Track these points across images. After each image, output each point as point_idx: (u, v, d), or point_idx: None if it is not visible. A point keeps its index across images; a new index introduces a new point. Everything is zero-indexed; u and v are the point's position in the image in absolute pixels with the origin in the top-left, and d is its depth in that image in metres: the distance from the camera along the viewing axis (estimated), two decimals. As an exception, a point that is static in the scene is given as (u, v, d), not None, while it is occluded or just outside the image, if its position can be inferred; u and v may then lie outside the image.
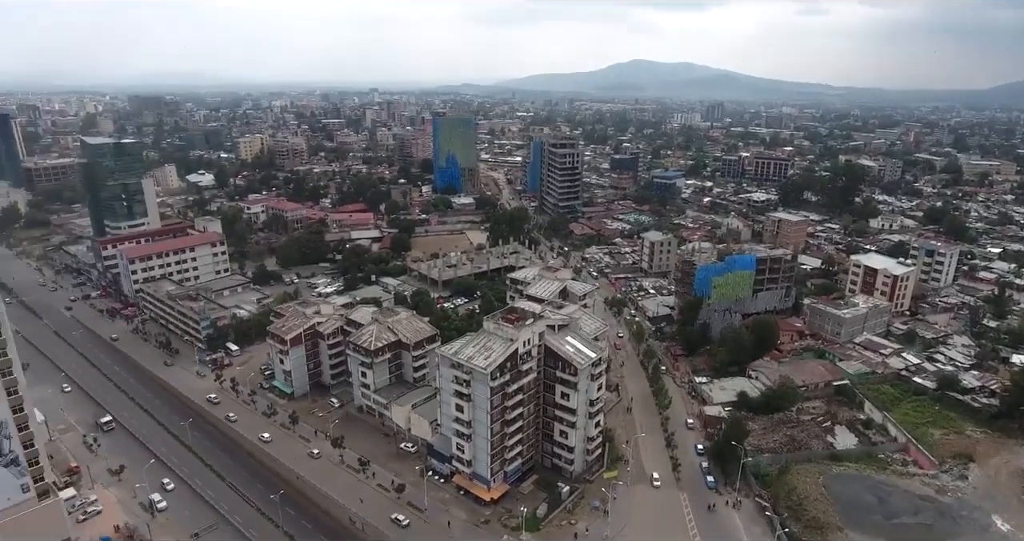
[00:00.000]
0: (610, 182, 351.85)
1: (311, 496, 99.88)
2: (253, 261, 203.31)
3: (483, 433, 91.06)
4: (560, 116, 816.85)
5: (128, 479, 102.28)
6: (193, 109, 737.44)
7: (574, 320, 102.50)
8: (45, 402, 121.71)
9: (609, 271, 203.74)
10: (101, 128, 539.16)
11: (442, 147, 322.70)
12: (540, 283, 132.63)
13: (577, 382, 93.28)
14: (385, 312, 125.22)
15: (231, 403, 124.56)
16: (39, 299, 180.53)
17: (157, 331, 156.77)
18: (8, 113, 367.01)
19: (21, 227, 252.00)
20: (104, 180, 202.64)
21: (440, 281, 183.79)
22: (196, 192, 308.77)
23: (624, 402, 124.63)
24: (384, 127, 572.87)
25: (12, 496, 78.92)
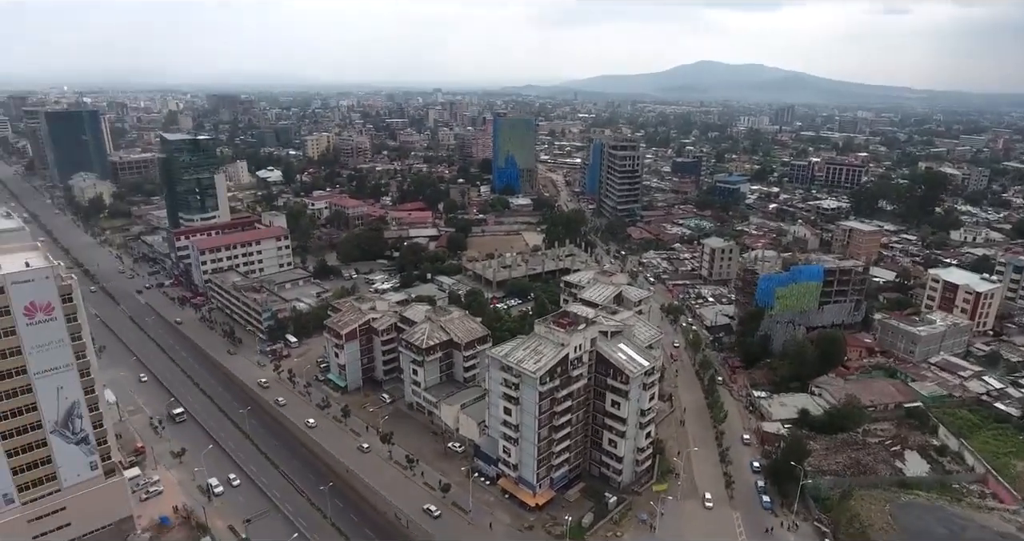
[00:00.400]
0: (671, 186, 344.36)
1: (359, 489, 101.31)
2: (315, 256, 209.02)
3: (530, 437, 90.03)
4: (622, 118, 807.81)
5: (188, 462, 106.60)
6: (266, 108, 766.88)
7: (628, 327, 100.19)
8: (117, 384, 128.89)
9: (667, 277, 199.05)
10: (181, 125, 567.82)
11: (501, 147, 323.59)
12: (595, 287, 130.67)
13: (628, 391, 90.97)
14: (438, 311, 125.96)
15: (287, 394, 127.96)
16: (118, 285, 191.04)
17: (222, 320, 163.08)
18: (98, 110, 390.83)
19: (105, 217, 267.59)
20: (180, 174, 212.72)
21: (494, 281, 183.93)
22: (265, 187, 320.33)
23: (677, 413, 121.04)
24: (446, 127, 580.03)
25: (81, 473, 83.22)
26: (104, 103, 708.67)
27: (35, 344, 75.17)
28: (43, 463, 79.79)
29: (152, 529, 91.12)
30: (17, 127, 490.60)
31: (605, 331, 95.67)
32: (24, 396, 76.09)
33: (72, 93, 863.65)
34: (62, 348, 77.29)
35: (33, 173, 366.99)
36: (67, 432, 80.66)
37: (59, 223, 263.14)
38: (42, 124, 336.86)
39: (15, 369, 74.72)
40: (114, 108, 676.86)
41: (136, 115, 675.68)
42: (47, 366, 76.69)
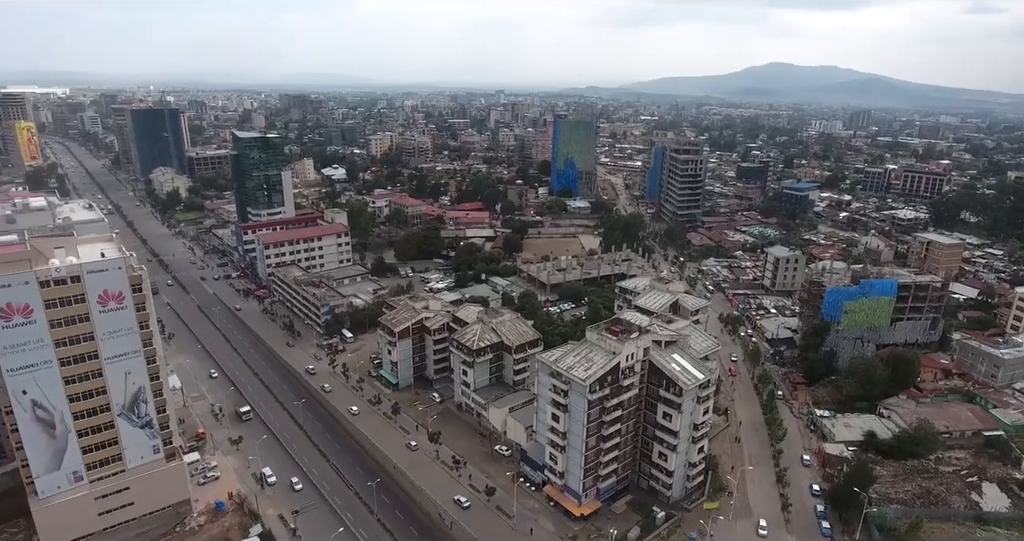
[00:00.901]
0: (735, 191, 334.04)
1: (405, 487, 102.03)
2: (373, 253, 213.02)
3: (577, 446, 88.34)
4: (686, 121, 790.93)
5: (244, 449, 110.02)
6: (334, 107, 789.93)
7: (683, 337, 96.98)
8: (183, 371, 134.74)
9: (727, 286, 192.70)
10: (254, 123, 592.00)
11: (561, 149, 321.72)
12: (650, 294, 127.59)
13: (681, 403, 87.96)
14: (490, 312, 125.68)
15: (340, 388, 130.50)
16: (189, 275, 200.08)
17: (283, 313, 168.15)
18: (178, 108, 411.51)
19: (181, 210, 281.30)
20: (250, 171, 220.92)
21: (548, 284, 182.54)
22: (329, 185, 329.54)
23: (733, 428, 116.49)
24: (506, 128, 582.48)
25: (144, 455, 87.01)
26: (185, 101, 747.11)
27: (107, 330, 79.02)
28: (110, 444, 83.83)
29: (208, 513, 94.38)
30: (107, 123, 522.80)
31: (659, 341, 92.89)
32: (95, 380, 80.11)
33: (157, 92, 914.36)
34: (131, 335, 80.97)
35: (119, 167, 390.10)
36: (133, 416, 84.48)
37: (139, 214, 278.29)
38: (128, 121, 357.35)
39: (88, 353, 78.74)
40: (194, 106, 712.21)
41: (214, 113, 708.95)
42: (117, 352, 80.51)
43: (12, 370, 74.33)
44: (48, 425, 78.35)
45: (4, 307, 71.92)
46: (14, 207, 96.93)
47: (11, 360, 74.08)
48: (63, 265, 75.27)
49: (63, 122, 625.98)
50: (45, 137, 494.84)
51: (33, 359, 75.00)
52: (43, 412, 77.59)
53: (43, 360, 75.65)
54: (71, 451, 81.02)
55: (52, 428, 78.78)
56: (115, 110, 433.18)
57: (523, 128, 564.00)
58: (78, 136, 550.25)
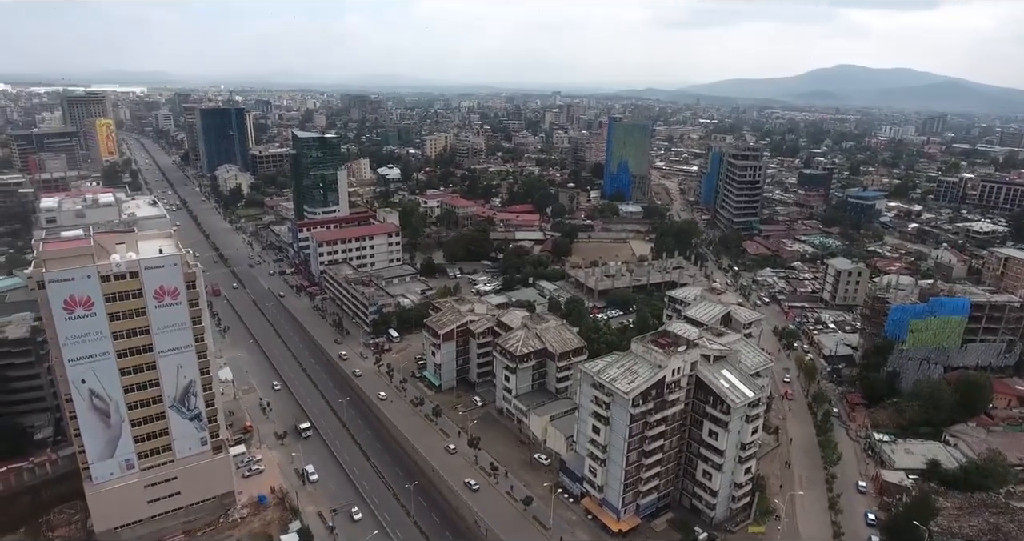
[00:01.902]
0: (796, 199, 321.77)
1: (443, 491, 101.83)
2: (423, 253, 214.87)
3: (618, 460, 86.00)
4: (746, 124, 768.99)
5: (288, 444, 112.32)
6: (392, 107, 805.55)
7: (733, 352, 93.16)
8: (235, 363, 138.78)
9: (783, 298, 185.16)
10: (316, 123, 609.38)
11: (615, 152, 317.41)
12: (701, 305, 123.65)
13: (729, 421, 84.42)
14: (535, 318, 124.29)
15: (385, 387, 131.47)
16: (245, 270, 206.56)
17: (333, 310, 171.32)
18: (244, 108, 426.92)
19: (242, 206, 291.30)
20: (307, 170, 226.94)
21: (596, 290, 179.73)
22: (383, 184, 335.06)
23: (783, 449, 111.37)
24: (561, 130, 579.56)
25: (193, 446, 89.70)
26: (252, 101, 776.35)
27: (161, 325, 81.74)
28: (161, 435, 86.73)
29: (251, 506, 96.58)
30: (179, 121, 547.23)
31: (708, 355, 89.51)
32: (149, 372, 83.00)
33: (226, 91, 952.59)
34: (184, 330, 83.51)
35: (187, 163, 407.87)
36: (183, 408, 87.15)
37: (203, 209, 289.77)
38: (197, 119, 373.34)
39: (143, 346, 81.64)
40: (260, 106, 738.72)
41: (278, 112, 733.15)
42: (170, 346, 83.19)
43: (73, 360, 77.70)
44: (104, 414, 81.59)
45: (67, 299, 75.23)
46: (85, 203, 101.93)
47: (72, 350, 77.44)
48: (123, 260, 78.21)
49: (140, 119, 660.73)
50: (123, 134, 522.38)
51: (92, 350, 78.21)
52: (100, 401, 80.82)
53: (101, 352, 78.82)
54: (124, 440, 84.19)
55: (107, 417, 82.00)
56: (186, 109, 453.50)
57: (577, 130, 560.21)
58: (152, 133, 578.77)
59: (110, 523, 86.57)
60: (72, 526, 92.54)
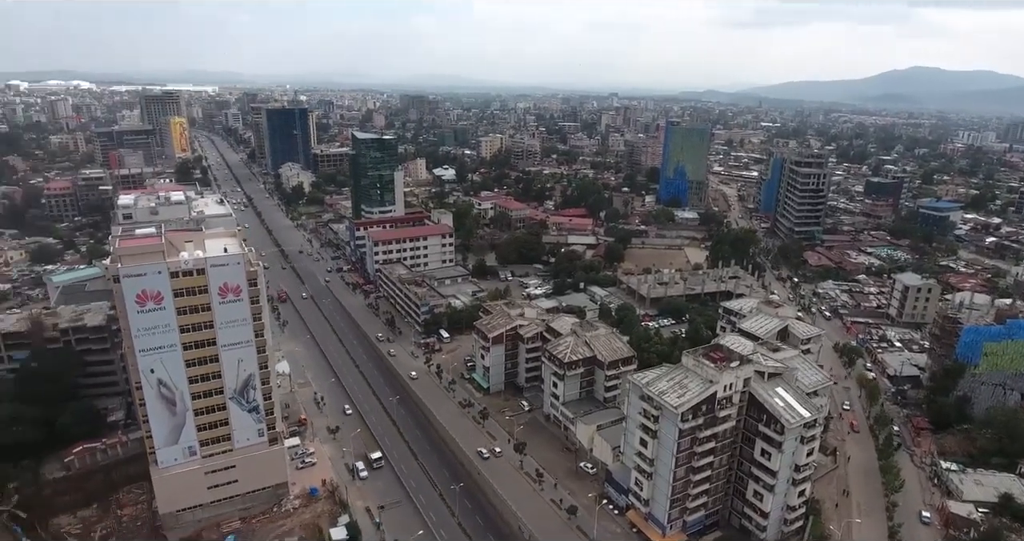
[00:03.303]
0: (862, 208, 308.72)
1: (487, 494, 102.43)
2: (475, 255, 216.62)
3: (665, 475, 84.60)
4: (811, 129, 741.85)
5: (340, 439, 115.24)
6: (449, 108, 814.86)
7: (790, 369, 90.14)
8: (292, 357, 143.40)
9: (845, 312, 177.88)
10: (375, 122, 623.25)
11: (672, 157, 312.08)
12: (757, 318, 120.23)
13: (782, 442, 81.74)
14: (584, 326, 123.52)
15: (434, 387, 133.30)
16: (305, 266, 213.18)
17: (386, 309, 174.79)
18: (307, 108, 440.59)
19: (303, 203, 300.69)
20: (365, 170, 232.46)
21: (648, 298, 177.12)
22: (438, 185, 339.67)
23: (841, 472, 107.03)
24: (617, 132, 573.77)
25: (250, 437, 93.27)
26: (315, 101, 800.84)
27: (224, 320, 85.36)
28: (221, 425, 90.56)
29: (302, 497, 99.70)
30: (246, 120, 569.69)
31: (762, 371, 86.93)
32: (212, 364, 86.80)
33: (291, 91, 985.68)
34: (245, 326, 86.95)
35: (253, 160, 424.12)
36: (242, 400, 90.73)
37: (267, 206, 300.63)
38: (263, 119, 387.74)
39: (207, 340, 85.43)
40: (322, 105, 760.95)
41: (340, 112, 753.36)
42: (232, 340, 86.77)
43: (143, 350, 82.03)
44: (170, 403, 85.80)
45: (140, 293, 79.49)
46: (158, 200, 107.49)
47: (143, 341, 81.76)
48: (191, 258, 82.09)
49: (210, 118, 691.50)
50: (195, 131, 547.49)
51: (161, 342, 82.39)
52: (166, 390, 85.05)
53: (169, 343, 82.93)
54: (188, 428, 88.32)
55: (173, 406, 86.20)
56: (253, 108, 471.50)
57: (634, 133, 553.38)
58: (222, 131, 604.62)
59: (173, 506, 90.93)
60: (138, 506, 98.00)
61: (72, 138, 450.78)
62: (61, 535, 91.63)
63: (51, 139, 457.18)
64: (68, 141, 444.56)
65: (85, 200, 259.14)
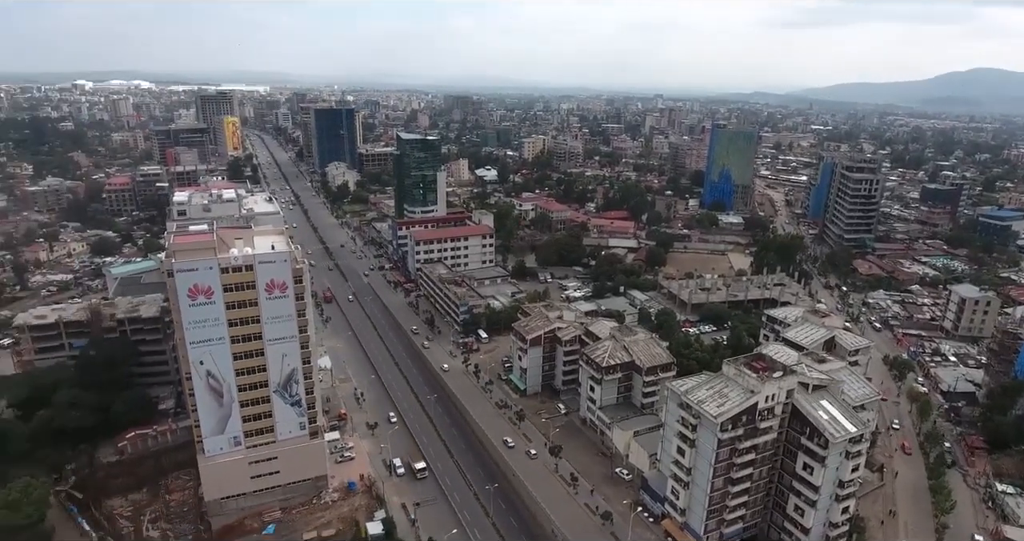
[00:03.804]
0: (917, 215, 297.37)
1: (522, 495, 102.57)
2: (515, 256, 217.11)
3: (702, 485, 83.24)
4: (864, 132, 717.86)
5: (379, 435, 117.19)
6: (492, 108, 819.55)
7: (836, 382, 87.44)
8: (334, 353, 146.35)
9: (896, 324, 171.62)
10: (419, 122, 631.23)
11: (717, 160, 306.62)
12: (802, 327, 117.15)
13: (826, 457, 79.42)
14: (623, 330, 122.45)
15: (471, 387, 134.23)
16: (348, 264, 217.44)
17: (426, 307, 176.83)
18: (354, 108, 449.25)
19: (348, 202, 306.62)
20: (409, 170, 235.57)
21: (690, 304, 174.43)
22: (480, 185, 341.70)
23: (887, 489, 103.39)
24: (661, 135, 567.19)
25: (292, 430, 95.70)
26: (362, 101, 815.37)
27: (270, 316, 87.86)
28: (265, 417, 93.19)
29: (341, 491, 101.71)
30: (295, 119, 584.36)
31: (807, 383, 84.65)
32: (257, 358, 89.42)
33: (339, 91, 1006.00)
34: (290, 322, 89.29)
35: (301, 159, 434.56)
36: (286, 394, 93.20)
37: (313, 204, 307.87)
38: (312, 118, 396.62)
39: (253, 334, 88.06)
40: (369, 105, 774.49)
41: (385, 112, 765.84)
42: (277, 335, 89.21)
43: (194, 343, 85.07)
44: (217, 394, 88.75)
45: (192, 287, 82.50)
46: (211, 198, 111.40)
47: (194, 334, 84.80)
48: (240, 254, 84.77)
49: (262, 117, 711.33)
50: (246, 130, 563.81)
51: (210, 335, 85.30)
52: (214, 382, 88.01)
53: (218, 337, 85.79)
54: (234, 419, 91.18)
55: (220, 397, 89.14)
56: (302, 108, 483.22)
57: (678, 135, 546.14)
58: (272, 130, 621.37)
59: (218, 493, 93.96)
60: (185, 491, 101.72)
61: (132, 136, 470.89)
62: (113, 517, 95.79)
63: (113, 136, 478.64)
64: (128, 138, 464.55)
65: (143, 195, 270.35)
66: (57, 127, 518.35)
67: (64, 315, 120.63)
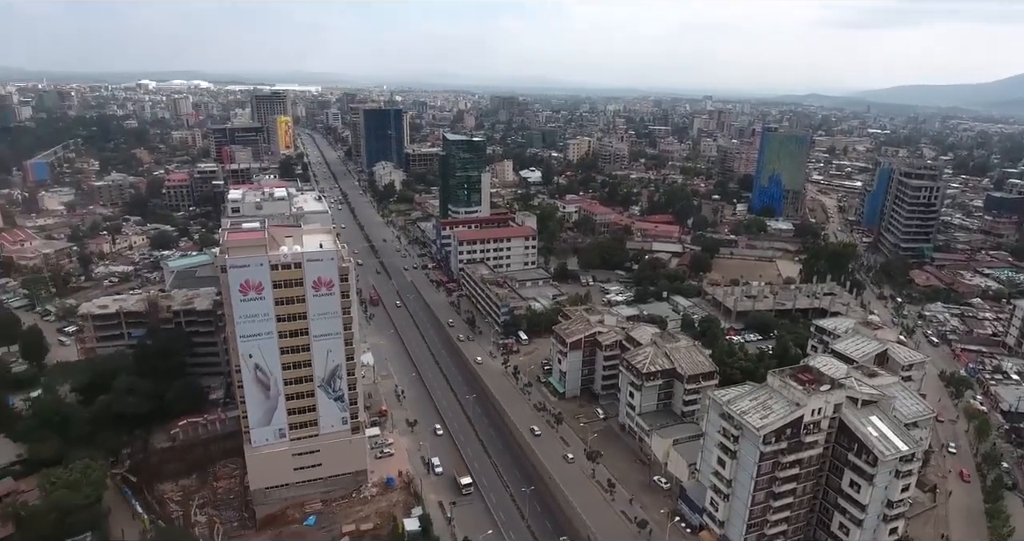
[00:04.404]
0: (981, 225, 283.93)
1: (558, 499, 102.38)
2: (557, 258, 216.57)
3: (743, 497, 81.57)
4: (925, 136, 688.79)
5: (418, 433, 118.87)
6: (538, 109, 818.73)
7: (887, 398, 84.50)
8: (376, 350, 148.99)
9: (955, 339, 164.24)
10: (465, 123, 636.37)
11: (767, 164, 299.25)
12: (853, 339, 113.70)
13: (874, 475, 76.82)
14: (665, 337, 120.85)
15: (510, 390, 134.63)
16: (392, 262, 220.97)
17: (467, 307, 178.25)
18: (401, 108, 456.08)
19: (394, 201, 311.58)
20: (454, 170, 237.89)
21: (735, 311, 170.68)
22: (524, 187, 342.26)
23: (940, 511, 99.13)
24: (709, 137, 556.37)
25: (335, 424, 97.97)
26: (410, 101, 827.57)
27: (317, 312, 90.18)
28: (309, 410, 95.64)
29: (379, 486, 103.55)
30: (345, 119, 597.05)
31: (856, 398, 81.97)
32: (303, 353, 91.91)
33: (388, 92, 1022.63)
34: (335, 319, 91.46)
35: (350, 158, 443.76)
36: (329, 389, 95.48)
37: (360, 202, 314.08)
38: (360, 118, 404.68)
39: (300, 330, 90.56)
40: (416, 106, 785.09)
41: (432, 113, 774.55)
42: (322, 331, 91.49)
43: (244, 336, 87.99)
44: (264, 387, 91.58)
45: (243, 283, 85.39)
46: (263, 196, 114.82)
47: (244, 328, 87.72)
48: (290, 252, 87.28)
49: (313, 116, 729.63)
50: (297, 129, 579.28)
51: (259, 329, 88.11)
52: (262, 375, 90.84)
53: (267, 331, 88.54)
54: (279, 411, 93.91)
55: (267, 389, 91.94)
56: (352, 108, 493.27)
57: (727, 138, 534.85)
58: (322, 129, 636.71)
59: (262, 483, 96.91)
60: (232, 480, 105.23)
61: (191, 133, 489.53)
62: (164, 500, 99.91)
63: (173, 134, 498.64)
64: (187, 136, 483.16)
65: (199, 191, 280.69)
66: (122, 125, 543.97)
67: (124, 306, 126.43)
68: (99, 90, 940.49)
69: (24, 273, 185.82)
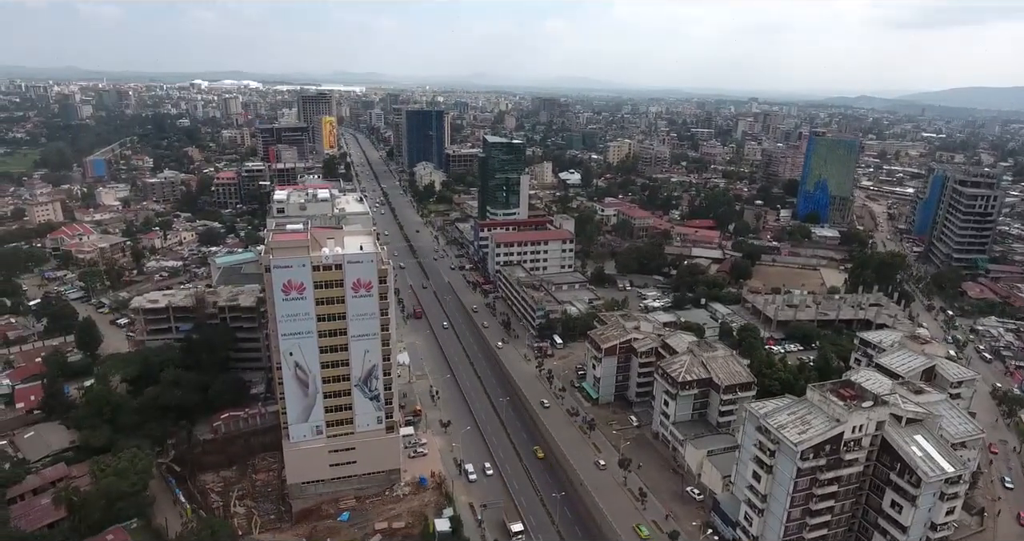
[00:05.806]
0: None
1: (588, 506, 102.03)
2: (594, 262, 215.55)
3: (778, 513, 79.92)
4: (984, 141, 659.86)
5: (451, 433, 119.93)
6: (579, 111, 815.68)
7: (933, 416, 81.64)
8: (412, 350, 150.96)
9: (1009, 355, 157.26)
10: (506, 124, 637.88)
11: (813, 170, 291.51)
12: (899, 353, 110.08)
13: (917, 496, 74.34)
14: (702, 345, 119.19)
15: (544, 392, 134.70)
16: (430, 262, 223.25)
17: (503, 309, 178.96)
18: (443, 109, 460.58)
19: (433, 201, 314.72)
20: (493, 172, 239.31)
21: (775, 320, 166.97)
22: (563, 189, 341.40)
23: (988, 536, 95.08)
24: (754, 141, 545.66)
25: (370, 423, 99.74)
26: (452, 102, 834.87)
27: (355, 313, 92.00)
28: (345, 409, 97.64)
29: (412, 485, 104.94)
30: (388, 120, 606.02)
31: (900, 416, 79.43)
32: (341, 353, 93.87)
33: (431, 93, 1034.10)
34: (373, 320, 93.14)
35: (391, 158, 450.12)
36: (365, 388, 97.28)
37: (401, 202, 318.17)
38: (403, 119, 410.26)
39: (339, 330, 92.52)
40: (458, 107, 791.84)
41: (473, 113, 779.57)
42: (360, 332, 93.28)
43: (285, 334, 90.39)
44: (303, 384, 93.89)
45: (286, 283, 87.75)
46: (307, 197, 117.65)
47: (286, 326, 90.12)
48: (331, 254, 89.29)
49: (356, 116, 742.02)
50: (342, 129, 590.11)
51: (300, 328, 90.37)
52: (301, 372, 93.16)
53: (307, 330, 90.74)
54: (317, 408, 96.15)
55: (306, 387, 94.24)
56: (395, 109, 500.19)
57: (773, 142, 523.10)
58: (366, 129, 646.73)
59: (299, 477, 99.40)
60: (270, 473, 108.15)
61: (240, 132, 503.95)
62: (206, 491, 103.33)
63: (223, 133, 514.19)
64: (236, 135, 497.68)
65: (246, 189, 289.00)
66: (175, 123, 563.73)
67: (173, 300, 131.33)
68: (155, 90, 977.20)
69: (81, 266, 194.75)
